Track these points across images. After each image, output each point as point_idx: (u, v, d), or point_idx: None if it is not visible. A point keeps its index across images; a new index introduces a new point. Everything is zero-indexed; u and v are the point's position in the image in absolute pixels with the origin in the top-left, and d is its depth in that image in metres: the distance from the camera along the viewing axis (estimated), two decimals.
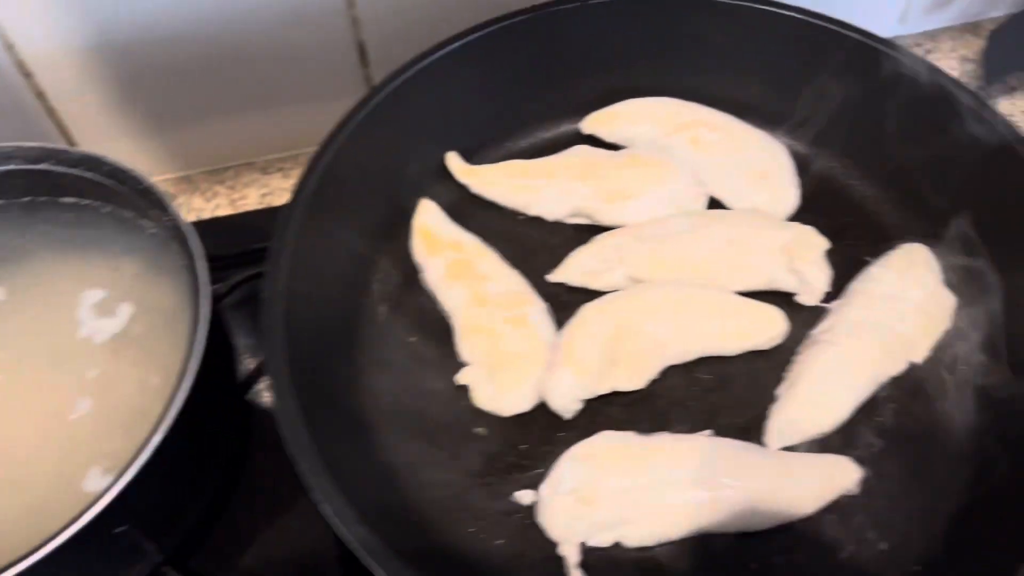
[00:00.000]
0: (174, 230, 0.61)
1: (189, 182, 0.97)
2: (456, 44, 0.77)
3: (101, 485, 0.50)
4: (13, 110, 0.84)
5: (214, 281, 0.76)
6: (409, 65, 0.75)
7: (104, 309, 0.64)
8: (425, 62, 0.75)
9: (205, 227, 0.92)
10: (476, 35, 0.77)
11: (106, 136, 0.89)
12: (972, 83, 1.01)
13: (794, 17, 0.77)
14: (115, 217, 0.67)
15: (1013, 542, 0.54)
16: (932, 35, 1.07)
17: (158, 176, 0.97)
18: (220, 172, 0.97)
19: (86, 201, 0.67)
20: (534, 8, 0.79)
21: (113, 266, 0.65)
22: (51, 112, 0.86)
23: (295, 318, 0.62)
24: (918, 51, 1.05)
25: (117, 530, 0.53)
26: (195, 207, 0.95)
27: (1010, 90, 1.01)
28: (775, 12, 0.77)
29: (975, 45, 1.05)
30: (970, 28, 1.07)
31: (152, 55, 0.83)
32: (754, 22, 0.78)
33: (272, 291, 0.61)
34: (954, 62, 1.04)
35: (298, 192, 0.66)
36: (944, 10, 1.05)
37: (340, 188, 0.70)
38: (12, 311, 0.64)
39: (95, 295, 0.64)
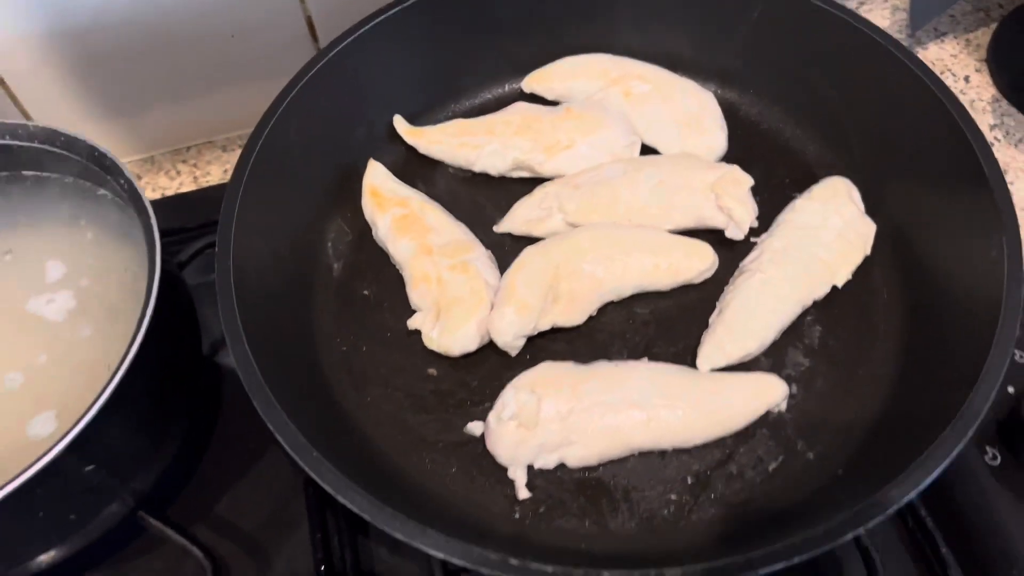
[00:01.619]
0: (129, 193, 0.64)
1: (153, 163, 1.00)
2: (396, 9, 0.80)
3: (63, 428, 0.54)
4: None
5: (178, 252, 0.81)
6: (348, 33, 0.79)
7: (67, 274, 0.67)
8: (364, 29, 0.79)
9: (170, 203, 0.97)
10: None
11: (67, 121, 0.91)
12: (903, 31, 1.05)
13: None
14: (76, 187, 0.70)
15: (922, 445, 0.58)
16: None
17: (122, 159, 1.00)
18: (182, 152, 1.01)
19: (46, 174, 0.70)
20: None
21: (75, 232, 0.69)
22: (13, 99, 0.89)
23: (246, 281, 0.65)
24: (851, 2, 1.09)
25: (86, 469, 0.57)
26: (160, 186, 0.99)
27: (939, 35, 1.05)
28: None
29: None
30: None
31: (106, 40, 0.86)
32: None
33: (222, 259, 0.65)
34: (886, 11, 1.08)
35: (240, 166, 0.70)
36: None
37: (284, 157, 0.74)
38: None
39: (56, 264, 0.68)
